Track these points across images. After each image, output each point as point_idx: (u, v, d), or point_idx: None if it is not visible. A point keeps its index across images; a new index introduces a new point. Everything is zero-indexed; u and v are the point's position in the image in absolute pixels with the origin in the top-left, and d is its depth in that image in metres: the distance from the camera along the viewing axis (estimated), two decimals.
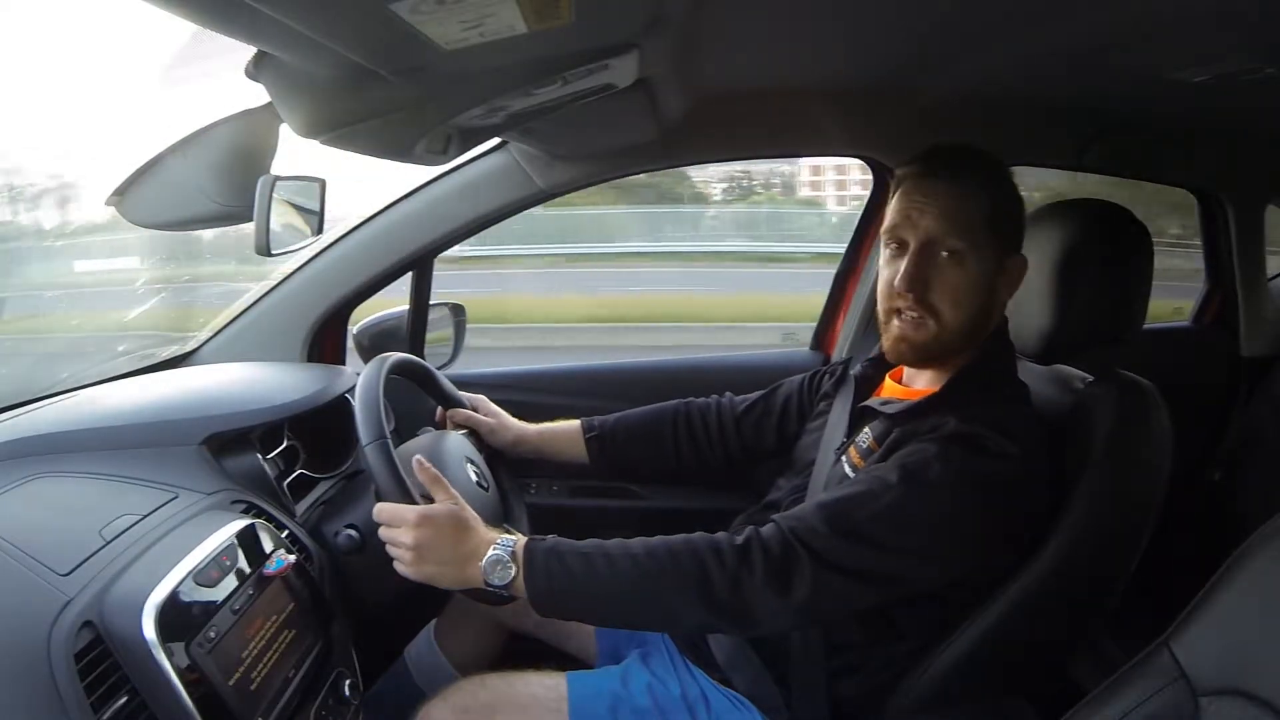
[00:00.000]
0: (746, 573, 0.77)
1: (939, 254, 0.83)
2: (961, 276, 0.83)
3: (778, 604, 0.77)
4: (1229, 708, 0.58)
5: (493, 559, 0.79)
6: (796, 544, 0.78)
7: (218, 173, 0.80)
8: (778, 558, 0.77)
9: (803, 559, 0.77)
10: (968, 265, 0.83)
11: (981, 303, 0.85)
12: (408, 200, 1.32)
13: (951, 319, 0.84)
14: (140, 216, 0.83)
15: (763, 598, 0.77)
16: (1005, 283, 0.87)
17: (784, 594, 0.77)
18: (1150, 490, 0.86)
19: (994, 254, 0.84)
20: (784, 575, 0.77)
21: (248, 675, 0.70)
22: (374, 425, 0.87)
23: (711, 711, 0.91)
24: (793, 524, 0.79)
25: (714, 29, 0.90)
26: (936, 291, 0.84)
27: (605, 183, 1.41)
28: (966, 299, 0.84)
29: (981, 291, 0.85)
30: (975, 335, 0.87)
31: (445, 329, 1.40)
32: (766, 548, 0.78)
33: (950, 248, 0.83)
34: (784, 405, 1.12)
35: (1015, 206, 0.87)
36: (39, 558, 0.66)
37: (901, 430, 0.85)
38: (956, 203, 0.83)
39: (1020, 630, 0.84)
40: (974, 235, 0.83)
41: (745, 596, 0.77)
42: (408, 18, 0.52)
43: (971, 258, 0.83)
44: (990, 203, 0.84)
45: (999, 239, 0.84)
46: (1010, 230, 0.86)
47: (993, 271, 0.85)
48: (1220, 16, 0.83)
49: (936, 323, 0.84)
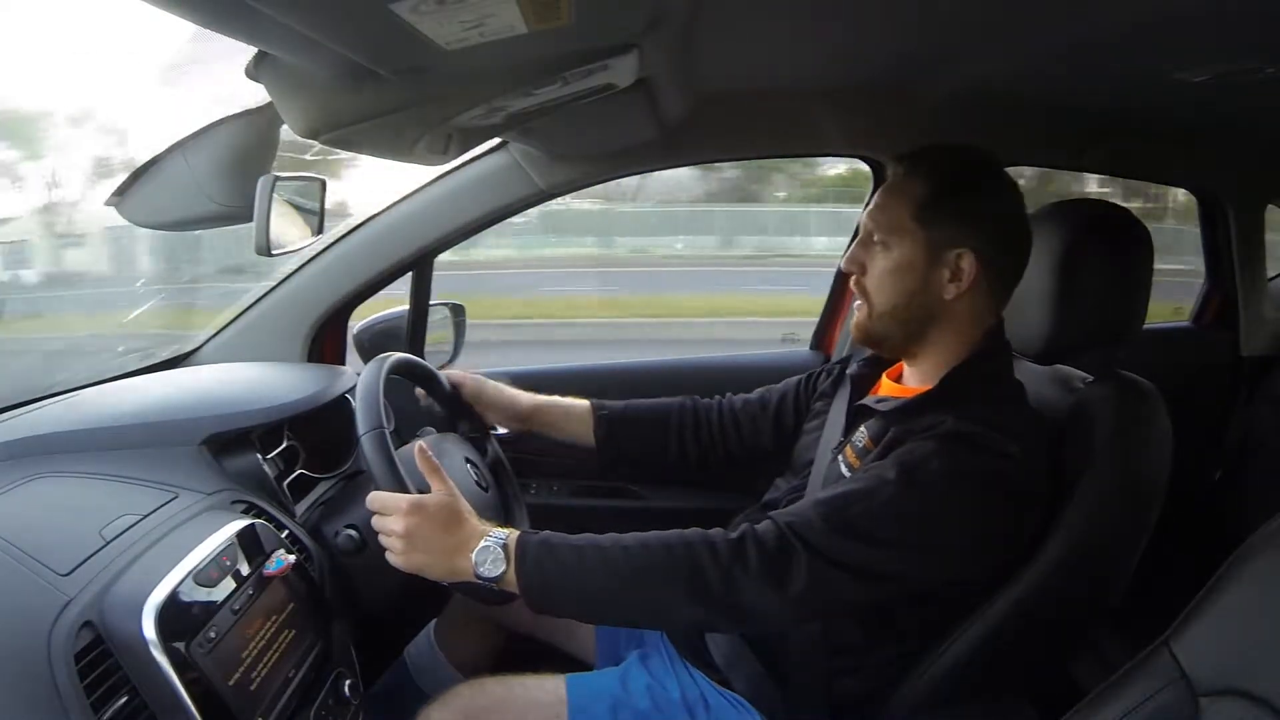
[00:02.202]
0: (740, 567, 0.77)
1: (872, 243, 0.88)
2: (885, 262, 0.87)
3: (772, 598, 0.77)
4: (1229, 708, 0.58)
5: (484, 549, 0.79)
6: (793, 539, 0.78)
7: (218, 173, 0.80)
8: (773, 552, 0.77)
9: (798, 554, 0.77)
10: (891, 253, 0.87)
11: (909, 289, 0.86)
12: (408, 200, 1.32)
13: (877, 301, 0.88)
14: (140, 216, 0.83)
15: (756, 592, 0.77)
16: (948, 277, 0.85)
17: (778, 589, 0.76)
18: (1150, 490, 0.86)
19: (923, 244, 0.85)
20: (779, 570, 0.77)
21: (248, 675, 0.70)
22: (372, 417, 0.87)
23: (711, 713, 0.91)
24: (789, 519, 0.80)
25: (714, 29, 0.90)
26: (869, 276, 0.89)
27: (604, 182, 1.41)
28: (888, 283, 0.87)
29: (906, 278, 0.86)
30: (917, 325, 0.88)
31: (445, 329, 1.40)
32: (761, 542, 0.78)
33: (877, 238, 0.88)
34: (780, 405, 1.12)
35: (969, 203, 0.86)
36: (39, 558, 0.66)
37: (898, 429, 0.85)
38: (890, 196, 0.87)
39: (1020, 630, 0.84)
40: (898, 226, 0.86)
41: (739, 590, 0.77)
42: (408, 18, 0.52)
43: (895, 246, 0.87)
44: (926, 195, 0.85)
45: (930, 230, 0.85)
46: (949, 223, 0.85)
47: (921, 262, 0.86)
48: (1220, 16, 0.83)
49: (869, 304, 0.89)
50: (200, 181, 0.80)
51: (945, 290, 0.86)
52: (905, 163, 0.89)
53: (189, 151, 0.80)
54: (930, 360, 0.89)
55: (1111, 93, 1.21)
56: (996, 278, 0.87)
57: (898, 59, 1.12)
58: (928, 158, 0.88)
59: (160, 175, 0.81)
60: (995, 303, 0.88)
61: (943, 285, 0.86)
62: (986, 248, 0.85)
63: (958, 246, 0.85)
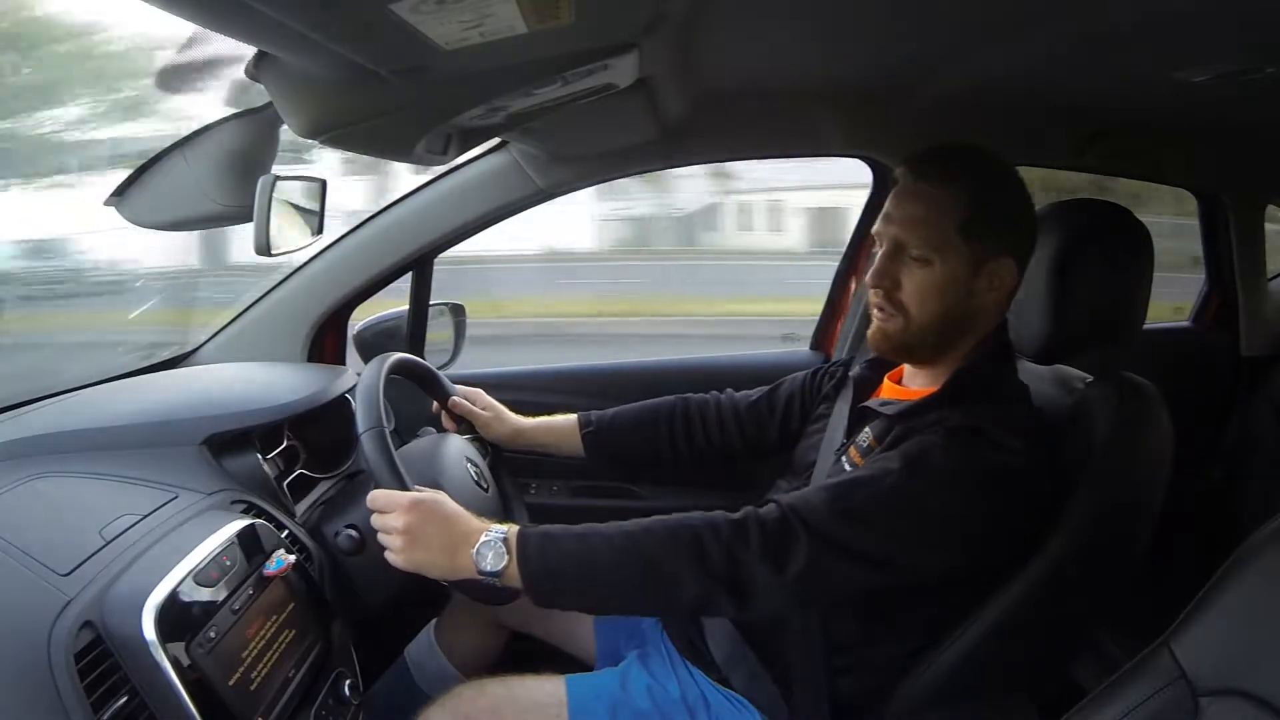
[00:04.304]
0: (742, 545, 0.77)
1: (907, 256, 0.85)
2: (927, 278, 0.85)
3: (773, 579, 0.77)
4: (1229, 708, 0.58)
5: (485, 544, 0.78)
6: (794, 520, 0.78)
7: (218, 173, 0.80)
8: (774, 533, 0.77)
9: (800, 535, 0.77)
10: (934, 269, 0.84)
11: (952, 304, 0.85)
12: (408, 200, 1.32)
13: (919, 316, 0.86)
14: (140, 216, 0.83)
15: (758, 571, 0.77)
16: (987, 286, 0.86)
17: (779, 569, 0.76)
18: (1150, 490, 0.86)
19: (967, 258, 0.84)
20: (780, 550, 0.77)
21: (248, 675, 0.70)
22: (372, 415, 0.87)
23: (711, 712, 0.92)
24: (792, 501, 0.80)
25: (714, 29, 0.90)
26: (905, 290, 0.86)
27: (604, 182, 1.41)
28: (932, 300, 0.85)
29: (950, 294, 0.85)
30: (955, 334, 0.87)
31: (445, 329, 1.40)
32: (763, 522, 0.78)
33: (915, 254, 0.85)
34: (787, 403, 1.12)
35: (1006, 209, 0.86)
36: (39, 558, 0.66)
37: (902, 428, 0.85)
38: (927, 209, 0.84)
39: (1021, 630, 0.84)
40: (942, 242, 0.83)
41: (739, 566, 0.77)
42: (408, 18, 0.52)
43: (938, 262, 0.84)
44: (968, 207, 0.83)
45: (974, 244, 0.84)
46: (992, 234, 0.84)
47: (966, 275, 0.85)
48: (1220, 16, 0.83)
49: (904, 319, 0.87)
50: (200, 181, 0.80)
51: (984, 298, 0.86)
52: (929, 169, 0.86)
53: (189, 151, 0.80)
54: (944, 365, 0.89)
55: (1111, 93, 1.22)
56: (1020, 279, 0.88)
57: (898, 59, 1.12)
58: (955, 164, 0.86)
59: (160, 175, 0.81)
60: (1008, 305, 0.89)
61: (983, 294, 0.86)
62: (1021, 252, 0.86)
63: (1000, 256, 0.85)
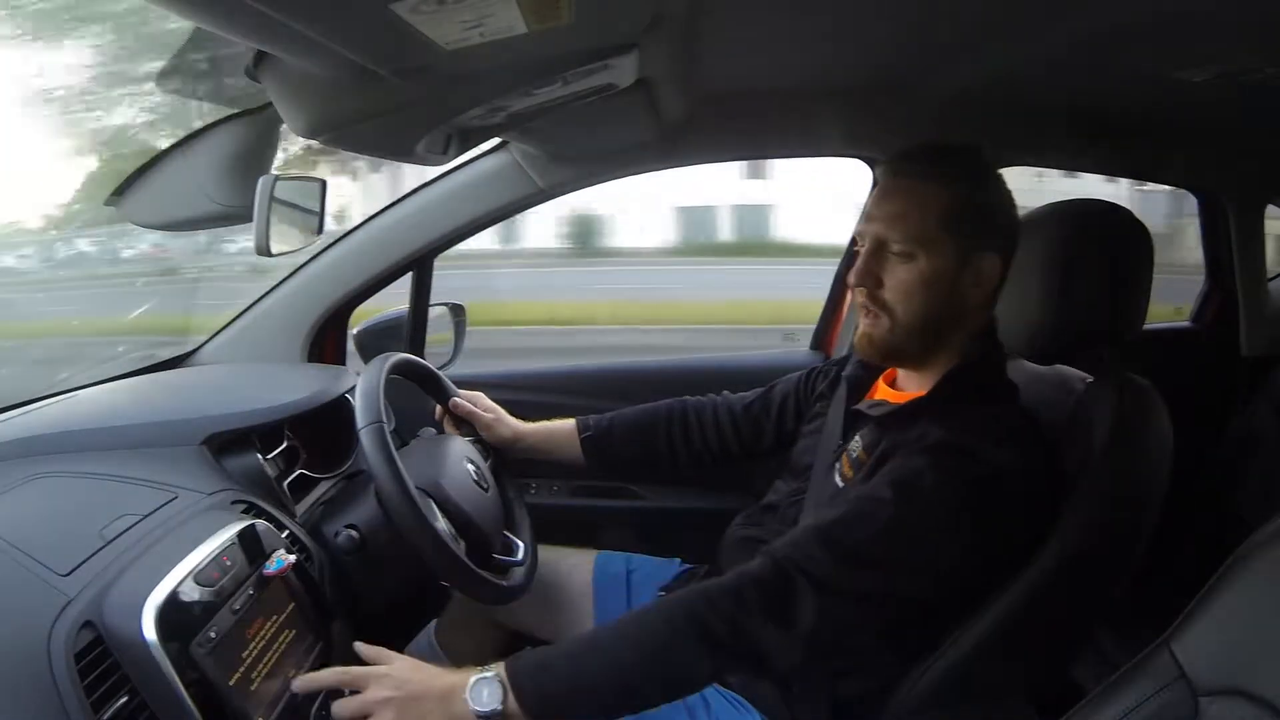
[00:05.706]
0: (743, 612, 0.74)
1: (889, 253, 0.84)
2: (910, 274, 0.83)
3: (782, 637, 0.75)
4: (1229, 708, 0.58)
5: (477, 685, 0.73)
6: (795, 574, 0.76)
7: (218, 173, 0.81)
8: (775, 590, 0.75)
9: (803, 588, 0.75)
10: (917, 264, 0.83)
11: (936, 300, 0.84)
12: (408, 200, 1.32)
13: (903, 315, 0.84)
14: (140, 216, 0.84)
15: (766, 633, 0.74)
16: (972, 281, 0.85)
17: (787, 626, 0.75)
18: (1150, 490, 0.86)
19: (951, 253, 0.83)
20: (784, 607, 0.75)
21: (248, 675, 0.70)
22: (372, 412, 0.87)
23: (711, 713, 0.91)
24: (787, 552, 0.78)
25: (714, 29, 0.90)
26: (888, 288, 0.84)
27: (604, 182, 1.41)
28: (917, 296, 0.83)
29: (934, 289, 0.83)
30: (941, 334, 0.86)
31: (445, 329, 1.40)
32: (760, 581, 0.76)
33: (897, 249, 0.83)
34: (781, 404, 1.11)
35: (988, 203, 0.85)
36: (39, 558, 0.66)
37: (889, 440, 0.84)
38: (908, 203, 0.83)
39: (1021, 631, 0.84)
40: (924, 235, 0.82)
41: (748, 635, 0.74)
42: (408, 18, 0.52)
43: (921, 256, 0.83)
44: (950, 201, 0.83)
45: (957, 238, 0.83)
46: (975, 228, 0.84)
47: (950, 270, 0.83)
48: (1220, 16, 0.83)
49: (890, 319, 0.85)
50: (200, 181, 0.80)
51: (969, 295, 0.85)
52: (909, 165, 0.86)
53: (189, 152, 0.80)
54: (934, 367, 0.88)
55: (1111, 93, 1.21)
56: (1004, 277, 0.87)
57: (898, 59, 1.12)
58: (935, 160, 0.86)
59: (161, 175, 0.81)
60: (994, 303, 0.88)
61: (968, 291, 0.85)
62: (1005, 247, 0.86)
63: (984, 250, 0.84)
